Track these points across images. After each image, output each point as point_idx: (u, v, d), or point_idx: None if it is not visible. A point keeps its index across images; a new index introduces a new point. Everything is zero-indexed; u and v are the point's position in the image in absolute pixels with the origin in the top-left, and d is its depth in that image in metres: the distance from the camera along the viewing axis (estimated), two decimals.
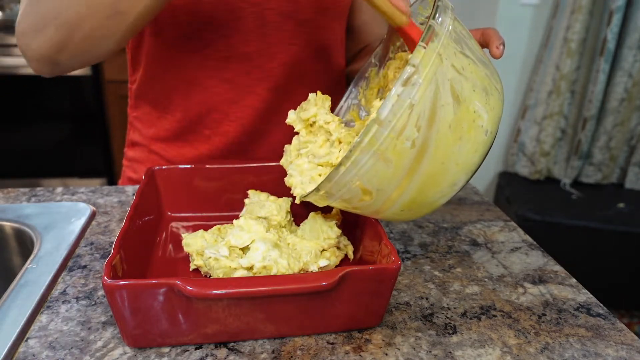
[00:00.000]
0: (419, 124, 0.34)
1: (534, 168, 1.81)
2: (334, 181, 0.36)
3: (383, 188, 0.37)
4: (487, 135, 0.39)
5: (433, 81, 0.34)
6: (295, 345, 0.39)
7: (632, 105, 1.68)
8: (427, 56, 0.34)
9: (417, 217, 0.43)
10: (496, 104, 0.39)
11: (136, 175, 0.71)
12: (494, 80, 0.40)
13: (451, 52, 0.36)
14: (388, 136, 0.34)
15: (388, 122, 0.33)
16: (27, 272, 0.46)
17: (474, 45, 0.40)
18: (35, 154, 1.97)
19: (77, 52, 0.49)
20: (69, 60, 0.51)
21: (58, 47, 0.49)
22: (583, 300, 0.47)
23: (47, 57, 0.50)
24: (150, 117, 0.68)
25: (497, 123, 0.40)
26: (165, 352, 0.38)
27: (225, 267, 0.43)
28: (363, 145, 0.34)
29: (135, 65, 0.66)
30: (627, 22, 1.60)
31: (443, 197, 0.40)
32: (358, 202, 0.39)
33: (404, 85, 0.33)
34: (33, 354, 0.37)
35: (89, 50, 0.49)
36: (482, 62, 0.39)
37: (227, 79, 0.62)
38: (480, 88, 0.38)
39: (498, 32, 0.46)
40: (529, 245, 0.57)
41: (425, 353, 0.39)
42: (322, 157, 0.44)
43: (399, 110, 0.33)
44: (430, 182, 0.38)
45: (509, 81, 1.80)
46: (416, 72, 0.33)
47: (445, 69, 0.35)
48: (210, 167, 0.56)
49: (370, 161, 0.35)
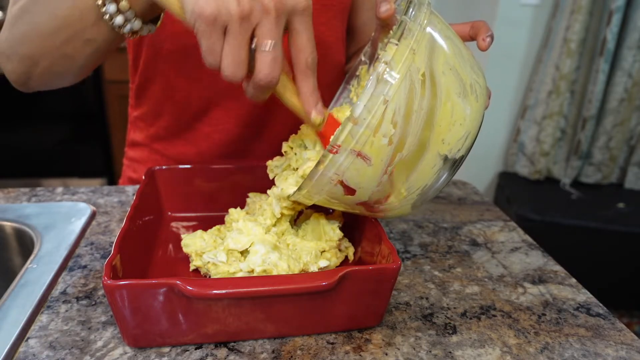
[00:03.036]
0: (394, 120, 0.34)
1: (534, 168, 1.81)
2: (315, 180, 0.36)
3: (364, 186, 0.37)
4: (465, 134, 0.38)
5: (407, 77, 0.34)
6: (295, 345, 0.39)
7: (632, 105, 1.68)
8: (399, 52, 0.34)
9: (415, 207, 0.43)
10: (475, 102, 0.39)
11: (136, 175, 0.71)
12: (474, 74, 0.39)
13: (425, 47, 0.35)
14: (364, 133, 0.34)
15: (363, 119, 0.33)
16: (28, 272, 0.46)
17: (454, 39, 0.39)
18: (36, 154, 1.97)
19: (42, 81, 0.50)
20: (37, 86, 0.51)
21: (25, 75, 0.49)
22: (583, 300, 0.47)
23: (19, 82, 0.51)
24: (150, 116, 0.68)
25: (477, 120, 0.39)
26: (165, 352, 0.38)
27: (224, 273, 0.43)
28: (339, 143, 0.34)
29: (136, 64, 0.66)
30: (626, 22, 1.60)
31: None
32: (342, 200, 0.39)
33: (377, 83, 0.33)
34: (33, 354, 0.37)
35: (53, 81, 0.50)
36: (462, 56, 0.39)
37: None
38: (458, 84, 0.37)
39: (487, 25, 0.46)
40: (528, 245, 0.57)
41: (425, 353, 0.39)
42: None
43: (373, 108, 0.33)
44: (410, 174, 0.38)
45: (508, 81, 1.80)
46: (388, 69, 0.33)
47: (419, 64, 0.35)
48: (210, 167, 0.56)
49: (348, 159, 0.35)
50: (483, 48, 0.45)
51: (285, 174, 0.45)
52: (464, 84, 0.37)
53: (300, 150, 0.44)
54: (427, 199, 0.41)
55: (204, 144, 0.66)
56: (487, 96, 0.42)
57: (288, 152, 0.46)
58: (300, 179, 0.42)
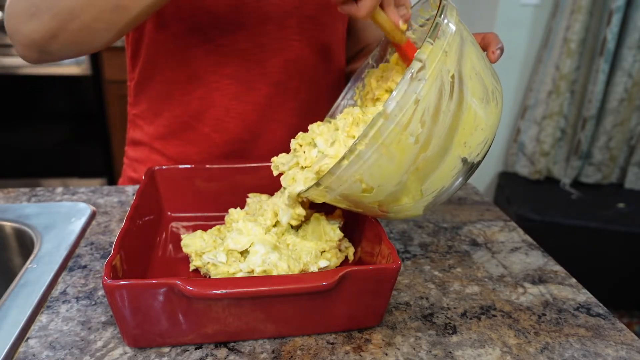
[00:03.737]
0: (423, 120, 0.35)
1: (534, 168, 1.81)
2: (336, 175, 0.36)
3: (383, 184, 0.37)
4: (484, 139, 0.39)
5: (438, 77, 0.34)
6: (295, 345, 0.39)
7: (632, 105, 1.68)
8: (434, 52, 0.34)
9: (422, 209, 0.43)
10: (495, 108, 0.40)
11: (136, 175, 0.71)
12: (495, 81, 0.40)
13: (456, 50, 0.36)
14: (393, 130, 0.34)
15: (394, 116, 0.33)
16: (28, 272, 0.46)
17: (477, 46, 0.40)
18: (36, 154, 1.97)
19: (70, 41, 0.47)
20: (60, 49, 0.48)
21: (51, 35, 0.46)
22: (583, 300, 0.47)
23: (38, 44, 0.48)
24: (150, 114, 0.68)
25: (495, 126, 0.40)
26: (165, 352, 0.38)
27: (224, 273, 0.43)
28: (368, 138, 0.34)
29: (135, 61, 0.66)
30: (626, 22, 1.60)
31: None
32: (356, 198, 0.39)
33: (410, 80, 0.33)
34: (33, 354, 0.37)
35: (84, 42, 0.48)
36: (485, 64, 0.40)
37: (227, 74, 0.62)
38: (481, 89, 0.38)
39: (498, 37, 0.46)
40: (528, 245, 0.57)
41: (425, 353, 0.39)
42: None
43: (405, 105, 0.34)
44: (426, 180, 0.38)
45: (509, 81, 1.80)
46: (423, 67, 0.34)
47: (450, 66, 0.35)
48: (210, 167, 0.56)
49: (374, 155, 0.35)
50: (492, 60, 0.45)
51: (292, 173, 0.44)
52: (487, 90, 0.38)
53: (309, 149, 0.44)
54: (439, 202, 0.41)
55: (204, 143, 0.66)
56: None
57: (297, 150, 0.46)
58: (313, 175, 0.42)
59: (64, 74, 1.83)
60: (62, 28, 0.46)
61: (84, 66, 1.83)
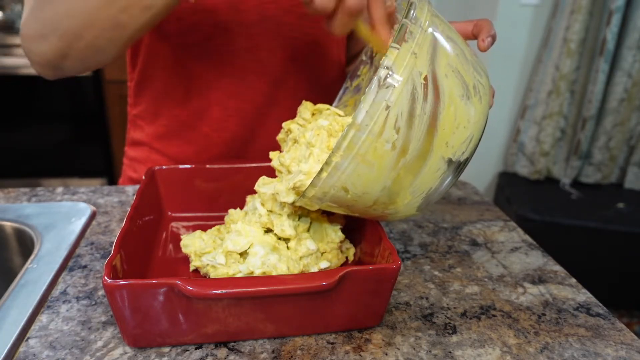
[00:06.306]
0: (397, 126, 0.34)
1: (534, 168, 1.81)
2: (319, 187, 0.36)
3: (368, 191, 0.37)
4: (469, 136, 0.38)
5: (409, 81, 0.33)
6: (295, 345, 0.39)
7: (632, 105, 1.68)
8: (400, 57, 0.33)
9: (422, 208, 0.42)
10: (478, 104, 0.38)
11: (137, 175, 0.71)
12: (477, 75, 0.39)
13: (427, 50, 0.35)
14: (366, 140, 0.33)
15: (365, 125, 0.33)
16: (28, 272, 0.46)
17: (456, 40, 0.39)
18: (36, 154, 1.98)
19: (79, 59, 0.50)
20: (71, 66, 0.51)
21: (61, 54, 0.49)
22: (583, 300, 0.47)
23: (52, 63, 0.51)
24: (150, 114, 0.68)
25: (481, 121, 0.39)
26: (165, 352, 0.38)
27: (223, 275, 0.43)
28: (342, 150, 0.34)
29: (135, 61, 0.66)
30: (626, 22, 1.60)
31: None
32: (349, 204, 0.39)
33: (378, 88, 0.33)
34: (33, 354, 0.37)
35: (92, 57, 0.50)
36: (465, 58, 0.38)
37: (226, 72, 0.62)
38: (460, 86, 0.37)
39: (490, 24, 0.45)
40: (528, 245, 0.57)
41: (425, 353, 0.39)
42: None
43: (375, 113, 0.33)
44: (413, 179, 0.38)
45: (508, 81, 1.80)
46: (390, 74, 0.33)
47: (421, 67, 0.34)
48: (210, 167, 0.56)
49: (351, 165, 0.34)
50: (482, 49, 0.44)
51: (269, 181, 0.45)
52: (467, 86, 0.37)
53: (308, 122, 0.45)
54: (432, 202, 0.41)
55: (203, 143, 0.66)
56: (491, 95, 0.42)
57: (292, 131, 0.46)
58: (291, 190, 0.42)
59: (67, 77, 1.83)
60: (70, 47, 0.48)
61: None
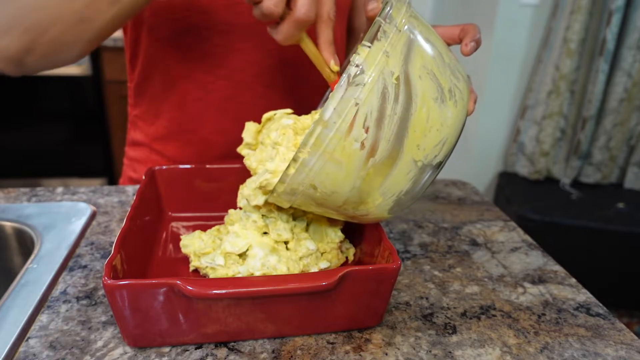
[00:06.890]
0: (366, 125, 0.33)
1: (534, 168, 1.81)
2: (287, 183, 0.35)
3: (337, 190, 0.36)
4: (442, 140, 0.37)
5: (379, 80, 0.33)
6: (295, 345, 0.39)
7: (632, 105, 1.68)
8: (371, 55, 0.33)
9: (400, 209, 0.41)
10: (453, 107, 0.37)
11: (137, 175, 0.71)
12: (454, 79, 0.38)
13: (401, 50, 0.34)
14: (334, 137, 0.33)
15: (333, 123, 0.32)
16: (28, 272, 0.46)
17: (435, 42, 0.38)
18: (36, 154, 1.98)
19: (44, 54, 0.49)
20: (35, 62, 0.50)
21: (25, 49, 0.48)
22: (582, 300, 0.47)
23: (14, 58, 0.49)
24: (149, 115, 0.68)
25: (456, 125, 0.38)
26: (165, 352, 0.38)
27: (223, 276, 0.43)
28: (308, 146, 0.33)
29: (134, 63, 0.66)
30: (626, 22, 1.60)
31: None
32: (319, 202, 0.38)
33: (347, 85, 0.32)
34: (34, 354, 0.37)
35: (56, 54, 0.49)
36: (442, 61, 0.37)
37: (223, 74, 0.62)
38: (435, 89, 0.36)
39: (476, 29, 0.44)
40: (528, 245, 0.57)
41: (425, 353, 0.39)
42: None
43: (343, 111, 0.32)
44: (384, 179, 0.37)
45: (508, 81, 1.80)
46: (359, 72, 0.32)
47: (393, 67, 0.34)
48: (210, 167, 0.56)
49: (318, 163, 0.34)
50: (465, 53, 0.43)
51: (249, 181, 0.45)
52: (442, 89, 0.36)
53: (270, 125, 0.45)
54: (405, 205, 0.40)
55: (202, 144, 0.66)
56: (473, 101, 0.41)
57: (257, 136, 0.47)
58: (258, 190, 0.42)
59: (64, 74, 1.83)
60: (35, 41, 0.47)
61: (84, 66, 1.83)
